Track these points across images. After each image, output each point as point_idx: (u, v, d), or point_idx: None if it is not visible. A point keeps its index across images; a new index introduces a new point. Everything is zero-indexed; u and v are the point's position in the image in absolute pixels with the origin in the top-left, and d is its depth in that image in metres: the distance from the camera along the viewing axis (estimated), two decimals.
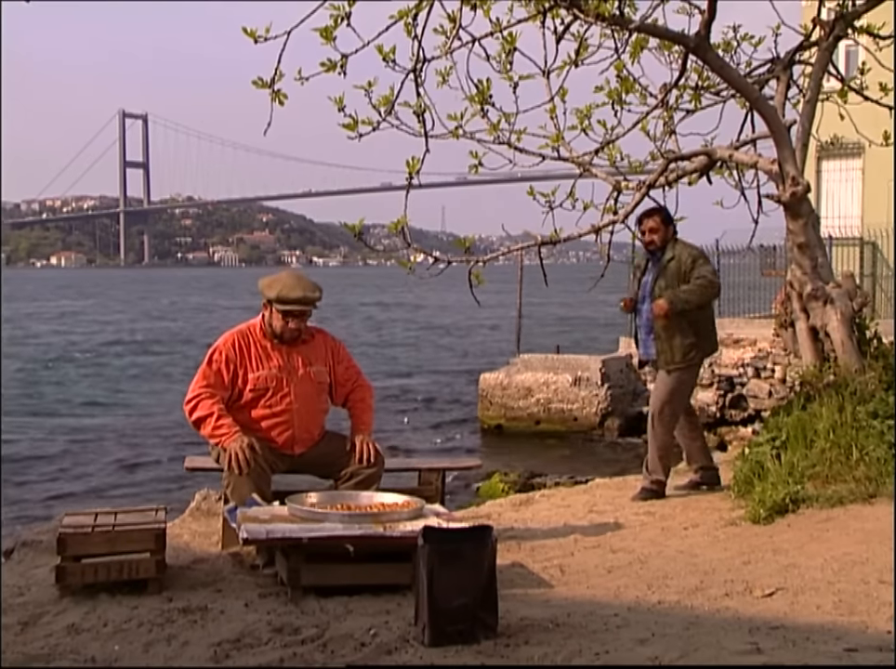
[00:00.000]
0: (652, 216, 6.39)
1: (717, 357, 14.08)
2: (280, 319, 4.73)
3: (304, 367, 4.79)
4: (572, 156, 6.96)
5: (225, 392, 4.68)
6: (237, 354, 4.72)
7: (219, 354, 4.73)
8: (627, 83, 6.55)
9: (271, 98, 5.37)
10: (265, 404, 4.71)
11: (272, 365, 4.74)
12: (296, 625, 3.68)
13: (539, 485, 10.43)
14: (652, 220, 6.38)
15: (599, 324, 32.49)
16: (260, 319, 4.84)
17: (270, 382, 4.71)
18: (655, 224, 6.35)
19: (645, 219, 6.39)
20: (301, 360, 4.81)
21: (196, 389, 4.67)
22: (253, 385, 4.70)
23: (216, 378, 4.68)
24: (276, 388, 4.71)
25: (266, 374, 4.71)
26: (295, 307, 4.71)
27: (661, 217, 6.37)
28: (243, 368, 4.71)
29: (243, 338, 4.78)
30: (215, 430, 4.57)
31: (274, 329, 4.75)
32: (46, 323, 43.18)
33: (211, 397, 4.63)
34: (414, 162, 6.31)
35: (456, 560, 3.57)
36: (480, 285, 6.18)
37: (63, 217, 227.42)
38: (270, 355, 4.77)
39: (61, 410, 19.02)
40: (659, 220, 6.35)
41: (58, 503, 10.73)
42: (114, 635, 3.60)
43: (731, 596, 4.01)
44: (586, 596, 4.12)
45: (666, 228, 6.35)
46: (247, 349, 4.75)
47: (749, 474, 5.63)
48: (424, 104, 5.78)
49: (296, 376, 4.76)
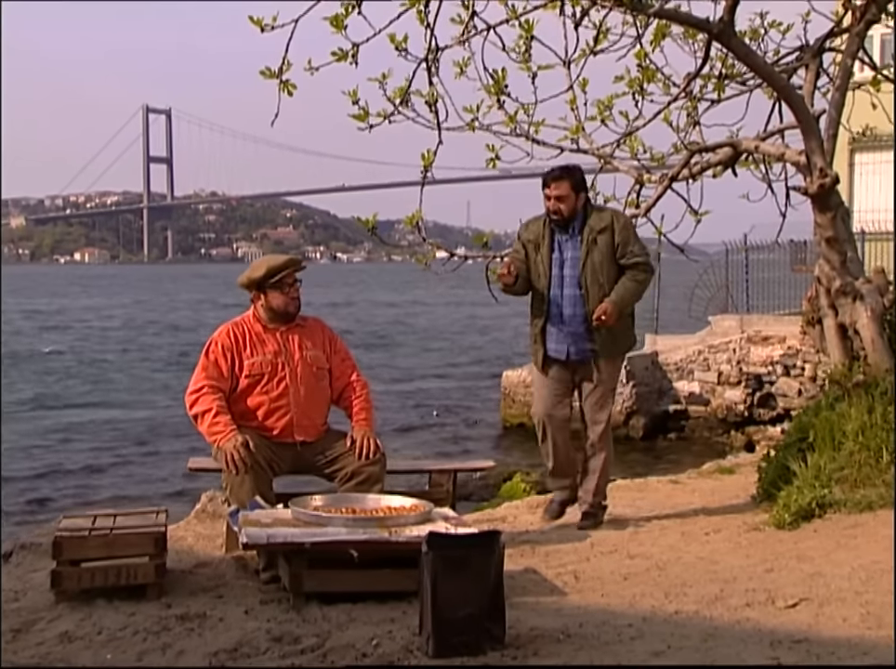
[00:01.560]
0: (561, 180, 5.17)
1: (744, 354, 13.86)
2: (279, 294, 4.70)
3: (300, 351, 4.72)
4: (592, 148, 6.78)
5: (225, 383, 4.61)
6: (233, 342, 4.67)
7: (216, 345, 4.67)
8: (649, 72, 6.35)
9: (280, 88, 5.23)
10: (261, 390, 4.62)
11: (267, 350, 4.68)
12: (295, 634, 3.54)
13: None
14: (561, 186, 5.16)
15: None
16: (252, 309, 4.80)
17: (265, 367, 4.64)
18: (564, 191, 5.15)
19: (552, 184, 5.17)
20: (297, 344, 4.74)
21: (199, 381, 4.60)
22: (248, 371, 4.63)
23: (214, 369, 4.61)
24: (272, 373, 4.64)
25: (261, 360, 4.65)
26: (286, 271, 4.70)
27: (571, 183, 5.17)
28: (239, 356, 4.65)
29: (237, 327, 4.74)
30: (211, 427, 4.47)
31: (278, 307, 4.71)
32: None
33: (214, 392, 4.55)
34: (428, 155, 6.17)
35: (462, 568, 3.41)
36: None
37: (87, 213, 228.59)
38: (264, 341, 4.71)
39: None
40: (569, 187, 5.16)
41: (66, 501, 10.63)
42: (108, 643, 3.48)
43: (753, 607, 3.81)
44: (600, 605, 3.95)
45: (577, 196, 5.19)
46: (242, 337, 4.69)
47: (774, 477, 5.43)
48: (436, 94, 5.62)
49: (292, 361, 4.69)
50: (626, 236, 5.17)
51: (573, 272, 5.17)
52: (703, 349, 14.16)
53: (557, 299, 5.20)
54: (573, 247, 5.19)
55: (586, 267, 5.13)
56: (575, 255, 5.16)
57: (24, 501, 11.01)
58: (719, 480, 6.83)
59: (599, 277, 5.12)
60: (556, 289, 5.20)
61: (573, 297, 5.18)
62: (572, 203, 5.17)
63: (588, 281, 5.13)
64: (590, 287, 5.13)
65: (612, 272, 5.15)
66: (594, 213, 5.24)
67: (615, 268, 5.15)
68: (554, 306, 5.20)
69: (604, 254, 5.13)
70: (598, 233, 5.14)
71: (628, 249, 5.15)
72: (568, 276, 5.19)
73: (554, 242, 5.23)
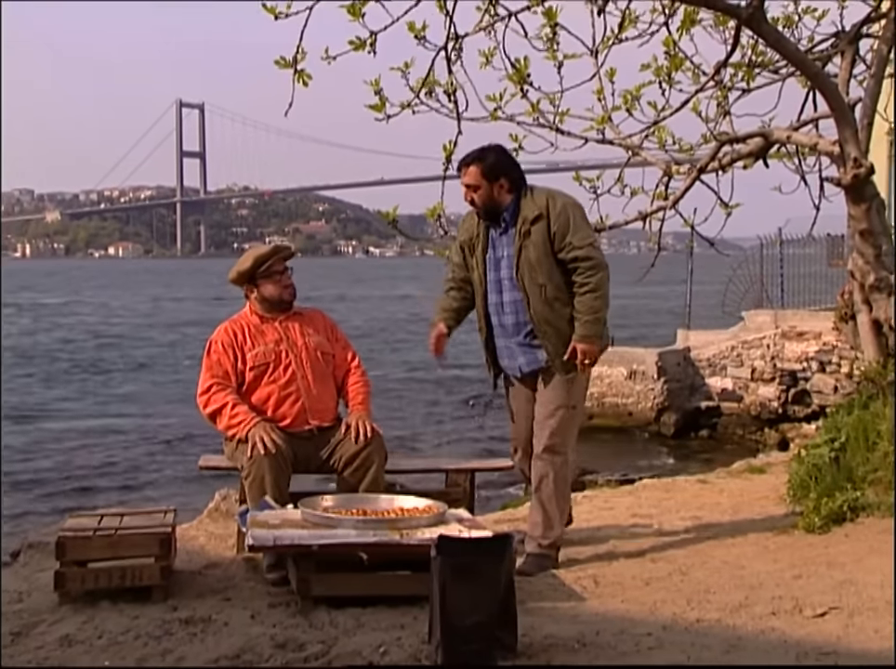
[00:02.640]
0: (471, 165, 4.37)
1: (779, 350, 13.60)
2: (270, 283, 4.63)
3: (302, 337, 4.65)
4: (619, 138, 6.60)
5: (232, 380, 4.52)
6: (232, 338, 4.59)
7: (216, 344, 4.60)
8: (677, 60, 6.16)
9: (295, 78, 5.11)
10: (269, 380, 4.54)
11: (268, 340, 4.60)
12: (300, 641, 3.43)
13: (590, 483, 10.09)
14: (470, 173, 4.37)
15: (655, 316, 31.81)
16: (248, 304, 4.73)
17: (268, 356, 4.56)
18: (473, 178, 4.35)
19: (461, 169, 4.42)
20: (298, 331, 4.66)
21: (206, 381, 4.52)
22: (252, 362, 4.54)
23: (218, 367, 4.54)
24: (276, 361, 4.56)
25: (263, 349, 4.57)
26: (273, 259, 4.64)
27: (482, 168, 4.34)
28: (240, 350, 4.57)
29: (234, 324, 4.67)
30: (231, 420, 4.38)
31: (271, 296, 4.64)
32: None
33: (223, 388, 4.47)
34: (450, 146, 6.03)
35: (471, 574, 3.27)
36: None
37: (121, 208, 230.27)
38: (263, 331, 4.63)
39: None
40: (479, 173, 4.34)
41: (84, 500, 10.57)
42: (108, 648, 3.38)
43: (779, 615, 3.65)
44: (619, 612, 3.80)
45: (492, 183, 4.35)
46: (241, 332, 4.62)
47: (805, 477, 5.23)
48: (455, 83, 5.47)
49: (295, 347, 4.61)
50: (564, 223, 4.29)
51: (511, 273, 4.38)
52: (736, 345, 13.91)
53: (497, 307, 4.45)
54: (508, 243, 4.39)
55: (521, 265, 4.32)
56: (511, 252, 4.38)
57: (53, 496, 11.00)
58: (749, 480, 6.64)
59: (538, 276, 4.31)
60: (494, 295, 4.45)
61: (514, 303, 4.40)
62: (485, 193, 4.35)
63: (526, 281, 4.32)
64: (529, 289, 4.33)
65: (554, 269, 4.33)
66: (528, 199, 4.37)
67: (557, 263, 4.34)
68: (495, 315, 4.47)
69: (540, 247, 4.30)
70: (531, 223, 4.30)
71: (566, 240, 4.28)
72: (506, 278, 4.41)
73: (489, 240, 4.47)
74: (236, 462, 4.43)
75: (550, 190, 4.49)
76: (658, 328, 23.56)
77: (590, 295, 4.29)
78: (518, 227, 4.33)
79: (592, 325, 4.30)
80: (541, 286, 4.33)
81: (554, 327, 4.34)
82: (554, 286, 4.33)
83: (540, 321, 4.35)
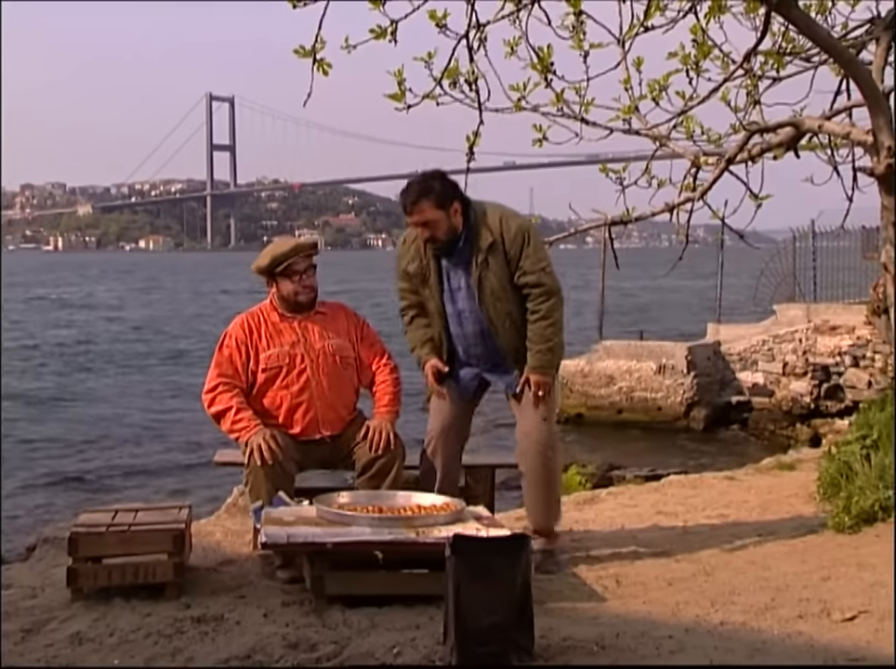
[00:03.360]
0: (420, 201, 4.11)
1: (811, 344, 13.39)
2: (288, 283, 4.39)
3: (321, 341, 4.41)
4: (646, 128, 6.47)
5: (241, 380, 4.35)
6: (247, 335, 4.40)
7: (230, 338, 4.41)
8: (705, 47, 6.02)
9: (315, 67, 5.02)
10: (281, 385, 4.35)
11: (284, 341, 4.39)
12: (313, 641, 3.36)
13: (618, 478, 9.98)
14: (422, 209, 4.12)
15: (685, 310, 31.51)
16: (269, 298, 4.51)
17: (282, 359, 4.35)
18: (429, 214, 4.11)
19: (410, 210, 4.14)
20: (318, 334, 4.43)
21: (213, 380, 4.35)
22: (265, 364, 4.35)
23: (228, 365, 4.36)
24: (290, 366, 4.35)
25: (277, 352, 4.36)
26: (292, 258, 4.37)
27: (434, 200, 4.11)
28: (254, 348, 4.38)
29: (252, 318, 4.46)
30: (234, 425, 4.24)
31: (288, 296, 4.41)
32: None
33: (230, 389, 4.31)
34: (473, 137, 5.93)
35: (487, 574, 3.19)
36: None
37: (152, 201, 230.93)
38: (281, 331, 4.42)
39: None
40: (432, 205, 4.11)
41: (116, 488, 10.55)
42: (118, 646, 3.33)
43: (806, 619, 3.53)
44: (641, 613, 3.70)
45: (447, 210, 4.12)
46: (258, 329, 4.41)
47: (836, 475, 5.11)
48: (477, 72, 5.37)
49: (312, 351, 4.39)
50: (518, 247, 4.13)
51: (471, 306, 4.21)
52: (767, 339, 13.71)
53: (460, 339, 4.31)
54: (465, 273, 4.19)
55: (484, 294, 4.15)
56: (470, 282, 4.18)
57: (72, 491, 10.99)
58: (778, 477, 6.50)
59: (503, 305, 4.16)
60: (456, 328, 4.29)
61: (478, 335, 4.26)
62: (444, 224, 4.13)
63: (491, 312, 4.17)
64: (495, 319, 4.19)
65: (517, 294, 4.19)
66: (480, 222, 4.17)
67: (517, 288, 4.20)
68: (461, 346, 4.33)
69: (500, 275, 4.14)
70: (487, 252, 4.12)
71: (519, 264, 4.13)
72: (466, 310, 4.23)
73: (441, 269, 4.25)
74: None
75: (502, 208, 4.29)
76: (688, 322, 23.33)
77: (542, 323, 4.17)
78: (474, 257, 4.15)
79: (544, 355, 4.19)
80: (507, 314, 4.21)
81: (514, 345, 4.24)
82: (520, 312, 4.21)
83: (510, 349, 4.24)
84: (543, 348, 4.19)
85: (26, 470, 11.82)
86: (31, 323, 35.13)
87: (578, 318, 32.34)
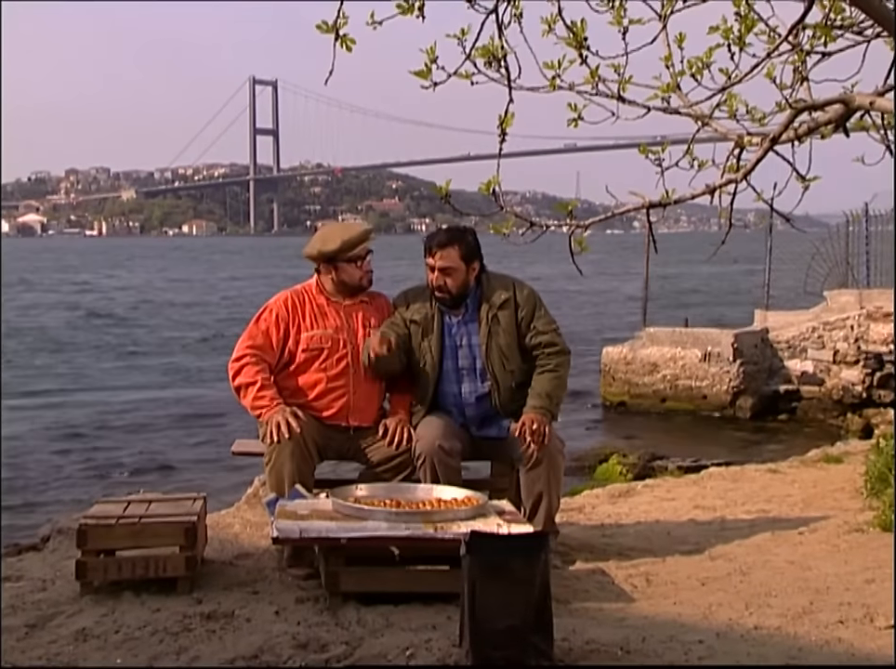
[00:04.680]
0: (449, 246, 4.13)
1: (863, 332, 12.98)
2: (353, 268, 4.30)
3: (364, 328, 4.32)
4: (686, 105, 6.23)
5: (273, 355, 4.23)
6: (289, 312, 4.28)
7: (269, 312, 4.29)
8: (749, 21, 5.76)
9: (339, 43, 4.86)
10: (319, 367, 4.24)
11: (328, 324, 4.28)
12: (323, 641, 3.22)
13: (660, 468, 9.74)
14: (447, 255, 4.12)
15: (732, 296, 30.85)
16: (315, 280, 4.39)
17: (325, 342, 4.25)
18: (452, 261, 4.12)
19: (436, 251, 4.15)
20: (361, 320, 4.33)
21: (242, 350, 4.23)
22: (306, 345, 4.24)
23: (263, 338, 4.24)
24: (332, 349, 4.25)
25: (321, 334, 4.26)
26: (362, 247, 4.32)
27: (462, 250, 4.12)
28: (295, 327, 4.26)
29: (297, 296, 4.34)
30: (255, 401, 4.13)
31: (351, 281, 4.31)
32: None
33: (257, 363, 4.19)
34: (505, 117, 5.76)
35: (503, 574, 3.03)
36: (583, 253, 5.58)
37: (195, 185, 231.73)
38: (326, 313, 4.31)
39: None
40: (458, 255, 4.12)
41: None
42: (122, 644, 3.21)
43: (847, 625, 3.32)
44: (670, 615, 3.52)
45: (469, 266, 4.14)
46: (301, 307, 4.30)
47: (884, 470, 4.86)
48: (507, 47, 5.18)
49: (354, 338, 4.29)
50: (531, 309, 4.17)
51: (471, 363, 4.19)
52: (817, 326, 13.31)
53: (455, 398, 4.23)
54: (471, 331, 4.19)
55: (491, 352, 4.14)
56: (474, 341, 4.19)
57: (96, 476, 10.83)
58: (824, 470, 6.24)
59: (508, 362, 4.16)
60: (450, 385, 4.22)
61: (474, 394, 4.20)
62: (461, 277, 4.13)
63: (496, 369, 4.15)
64: (499, 377, 4.17)
65: (521, 355, 4.20)
66: (491, 284, 4.20)
67: (522, 350, 4.20)
68: (453, 406, 4.23)
69: (510, 333, 4.15)
70: (498, 309, 4.14)
71: (532, 325, 4.16)
72: (466, 368, 4.20)
73: (443, 326, 4.22)
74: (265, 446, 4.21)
75: (509, 276, 4.35)
76: (735, 308, 22.81)
77: (550, 375, 4.16)
78: (484, 313, 4.16)
79: (546, 399, 4.11)
80: (511, 372, 4.19)
81: (511, 394, 4.20)
82: (522, 373, 4.20)
83: (507, 412, 4.19)
84: (545, 395, 4.12)
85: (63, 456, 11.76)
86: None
87: (616, 305, 31.85)
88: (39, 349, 23.30)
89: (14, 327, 27.42)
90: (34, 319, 30.96)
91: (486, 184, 6.81)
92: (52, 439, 12.77)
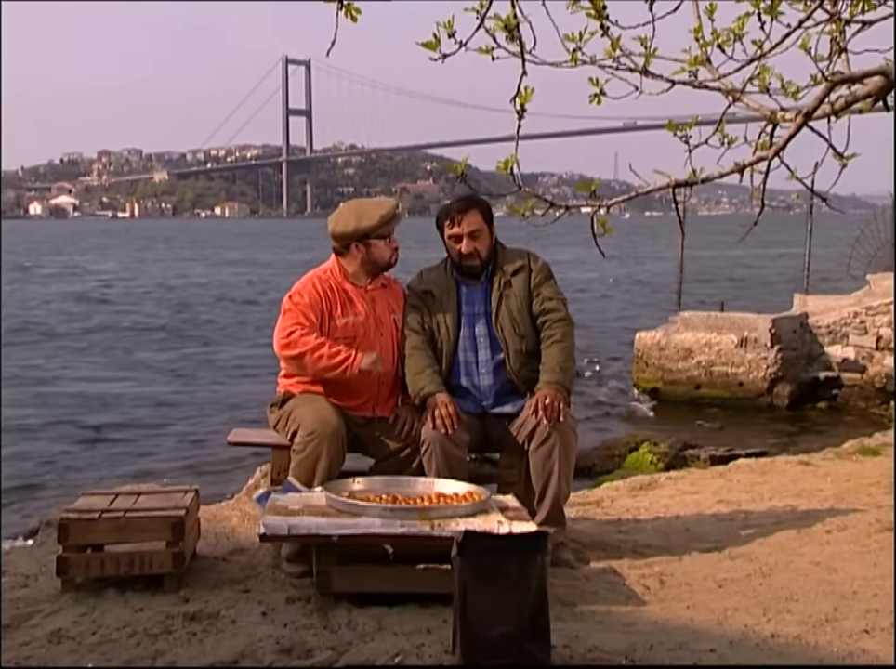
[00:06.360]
0: (471, 210, 4.12)
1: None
2: (384, 244, 4.18)
3: (388, 314, 4.20)
4: (716, 77, 5.95)
5: (318, 333, 4.05)
6: (320, 296, 4.11)
7: (300, 296, 4.11)
8: None
9: (342, 12, 4.65)
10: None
11: (358, 312, 4.14)
12: (309, 646, 3.03)
13: (692, 458, 9.46)
14: (472, 219, 4.11)
15: (770, 280, 30.23)
16: (335, 262, 4.22)
17: (357, 330, 4.11)
18: (477, 224, 4.12)
19: (459, 217, 4.11)
20: (385, 307, 4.21)
21: (287, 327, 4.03)
22: (342, 332, 4.08)
23: (304, 317, 4.06)
24: (364, 338, 4.11)
25: (353, 321, 4.12)
26: (394, 224, 4.22)
27: (483, 215, 4.15)
28: (328, 313, 4.11)
29: (323, 282, 4.17)
30: (331, 359, 3.95)
31: (381, 258, 4.19)
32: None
33: (310, 332, 4.01)
34: (526, 93, 5.52)
35: (497, 577, 2.83)
36: (607, 235, 5.33)
37: (227, 167, 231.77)
38: (353, 300, 4.16)
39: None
40: (481, 218, 4.13)
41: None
42: (97, 647, 3.05)
43: (873, 634, 3.07)
44: (682, 621, 3.29)
45: (490, 227, 4.17)
46: (330, 292, 4.14)
47: None
48: (520, 16, 4.93)
49: (381, 326, 4.17)
50: (543, 277, 4.16)
51: (488, 331, 4.14)
52: (859, 311, 12.89)
53: (470, 366, 4.15)
54: (485, 299, 4.16)
55: (502, 316, 4.10)
56: (489, 309, 4.14)
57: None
58: (859, 463, 5.94)
59: (519, 327, 4.11)
60: (468, 354, 4.14)
61: (489, 362, 4.12)
62: (487, 240, 4.14)
63: (506, 334, 4.09)
64: (510, 342, 4.10)
65: (532, 322, 4.15)
66: (506, 253, 4.22)
67: (532, 317, 4.15)
68: (465, 376, 4.15)
69: (521, 299, 4.11)
70: (511, 275, 4.14)
71: (541, 291, 4.13)
72: (482, 336, 4.14)
73: (460, 295, 4.19)
74: (283, 433, 4.02)
75: (523, 249, 4.33)
76: (773, 292, 22.27)
77: (559, 345, 4.09)
78: (497, 278, 4.16)
79: (559, 373, 4.02)
80: (522, 338, 4.12)
81: (527, 368, 4.10)
82: (533, 340, 4.14)
83: (520, 381, 4.10)
84: (558, 367, 4.03)
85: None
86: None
87: (648, 289, 31.17)
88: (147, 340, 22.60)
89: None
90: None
91: (504, 163, 6.55)
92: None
